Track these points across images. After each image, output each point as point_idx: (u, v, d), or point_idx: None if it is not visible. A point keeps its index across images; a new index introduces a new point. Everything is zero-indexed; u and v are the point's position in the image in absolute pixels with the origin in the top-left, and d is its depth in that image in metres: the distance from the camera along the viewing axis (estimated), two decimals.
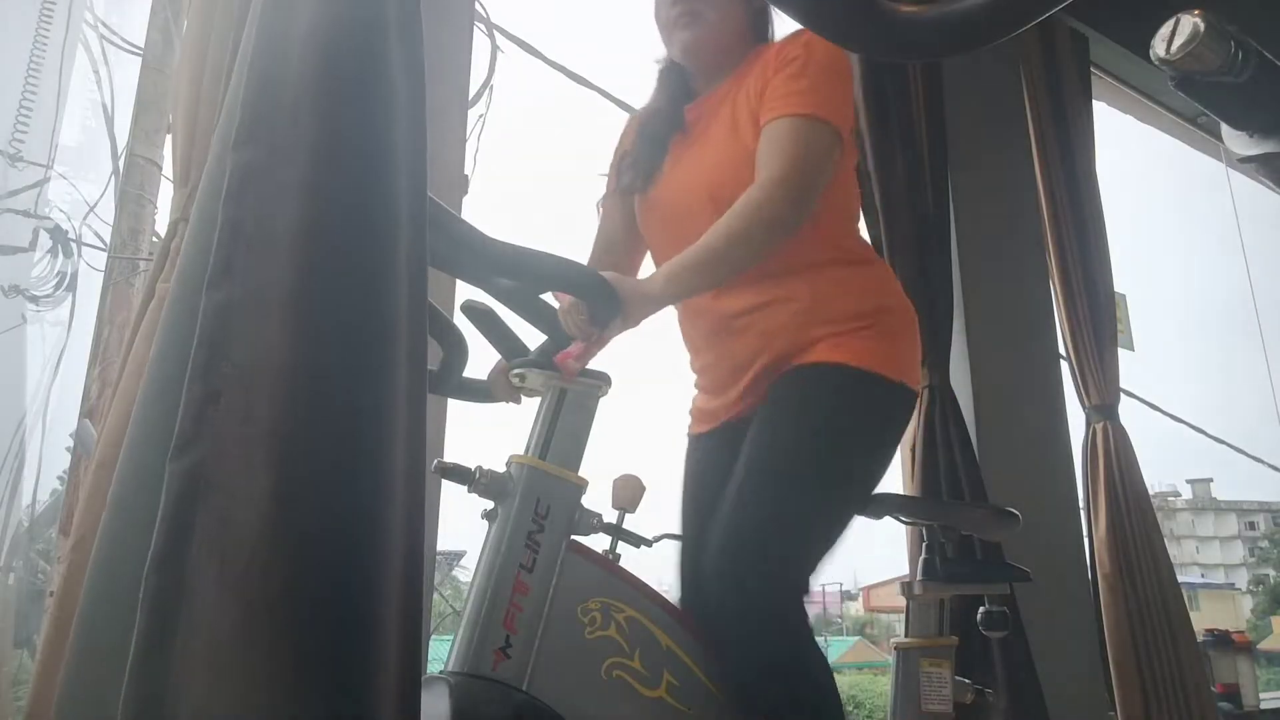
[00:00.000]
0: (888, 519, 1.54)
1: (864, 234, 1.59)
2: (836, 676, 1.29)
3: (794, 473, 1.26)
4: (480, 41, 2.37)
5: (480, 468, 1.13)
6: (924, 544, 1.55)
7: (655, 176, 1.50)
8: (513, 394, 1.30)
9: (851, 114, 1.41)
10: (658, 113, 1.56)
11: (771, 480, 1.26)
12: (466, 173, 2.12)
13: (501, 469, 1.15)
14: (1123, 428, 3.17)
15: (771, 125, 1.33)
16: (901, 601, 1.57)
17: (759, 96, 1.37)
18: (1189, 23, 1.24)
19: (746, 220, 1.27)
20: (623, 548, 1.18)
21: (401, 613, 0.73)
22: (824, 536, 1.28)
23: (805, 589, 1.25)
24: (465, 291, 1.18)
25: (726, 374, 1.45)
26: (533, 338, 1.23)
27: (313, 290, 0.75)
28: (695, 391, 1.55)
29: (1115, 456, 3.11)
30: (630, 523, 1.18)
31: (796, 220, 1.29)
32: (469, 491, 1.13)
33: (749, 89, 1.40)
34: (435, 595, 2.27)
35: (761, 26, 1.52)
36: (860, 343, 1.34)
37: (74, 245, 2.07)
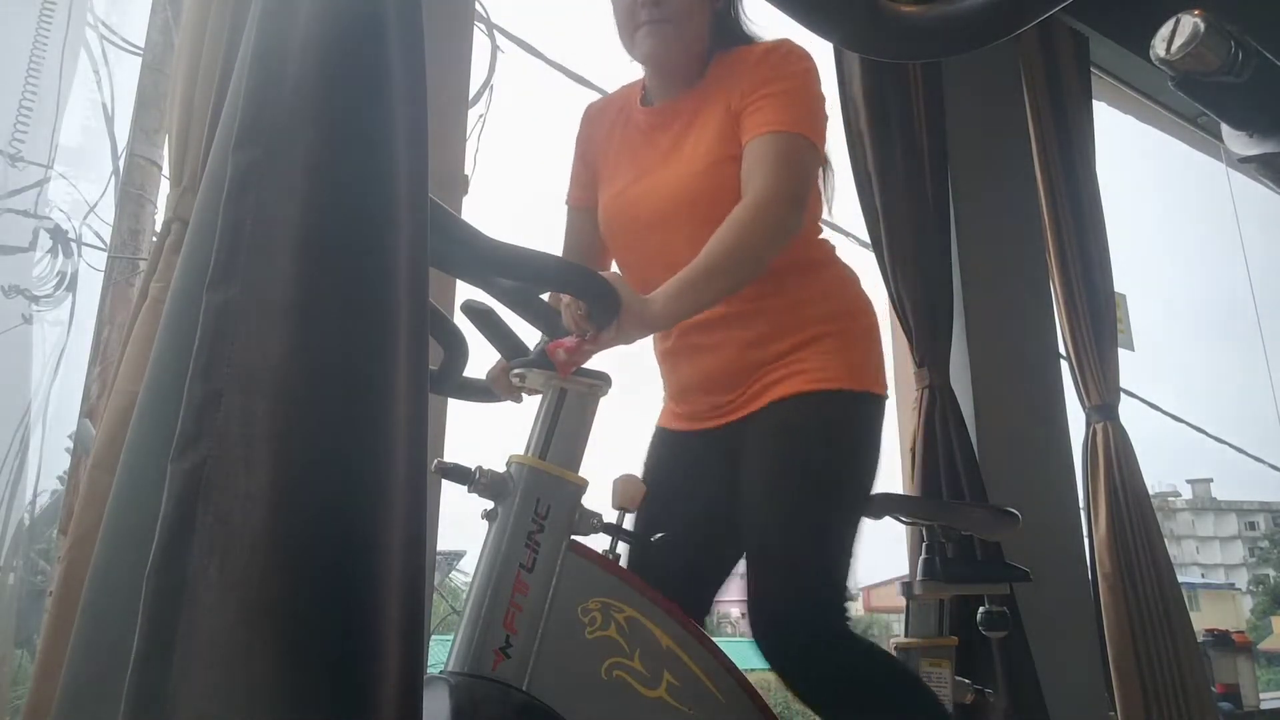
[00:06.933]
0: (888, 519, 1.54)
1: (862, 234, 1.59)
2: None
3: (803, 510, 1.31)
4: (480, 41, 2.37)
5: (480, 468, 1.13)
6: (924, 544, 1.56)
7: (620, 184, 1.48)
8: (513, 393, 1.30)
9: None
10: (618, 117, 1.54)
11: (786, 527, 1.30)
12: (466, 173, 2.12)
13: (501, 469, 1.15)
14: (1123, 428, 3.17)
15: (764, 139, 1.32)
16: (901, 602, 1.58)
17: (741, 106, 1.36)
18: (1189, 23, 1.23)
19: (750, 232, 1.25)
20: (623, 548, 1.18)
21: (403, 613, 0.73)
22: (845, 548, 1.33)
23: (845, 605, 1.31)
24: (465, 291, 1.18)
25: (696, 387, 1.46)
26: (533, 338, 1.23)
27: (314, 291, 0.74)
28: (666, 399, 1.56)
29: (1115, 456, 3.11)
30: (630, 523, 1.18)
31: (796, 228, 1.31)
32: (469, 491, 1.13)
33: (729, 98, 1.38)
34: (435, 595, 2.27)
35: (725, 33, 1.47)
36: (824, 361, 1.36)
37: (74, 245, 2.07)
